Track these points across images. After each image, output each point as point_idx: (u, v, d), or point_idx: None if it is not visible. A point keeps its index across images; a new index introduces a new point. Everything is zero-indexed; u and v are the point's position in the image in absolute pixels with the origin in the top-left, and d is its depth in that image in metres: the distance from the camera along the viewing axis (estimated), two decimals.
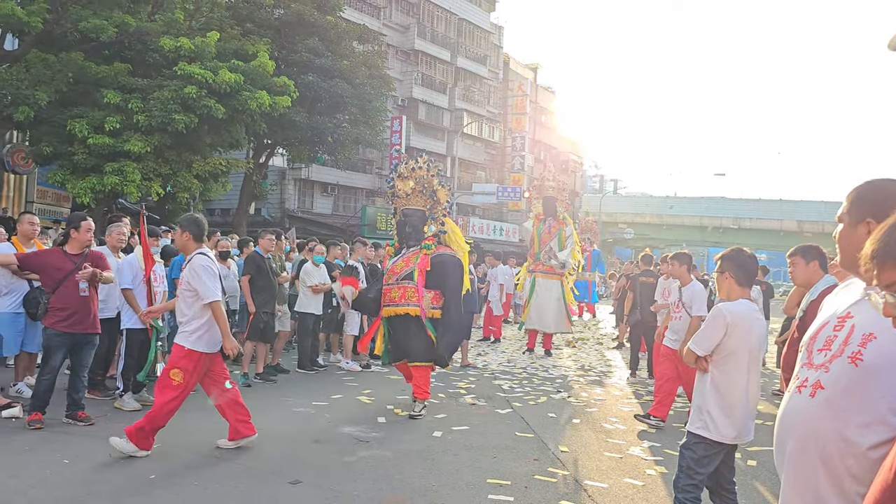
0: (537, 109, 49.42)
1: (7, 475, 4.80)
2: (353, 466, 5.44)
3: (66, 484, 4.72)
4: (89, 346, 6.42)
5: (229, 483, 4.89)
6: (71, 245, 6.29)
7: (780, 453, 2.00)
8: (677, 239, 65.74)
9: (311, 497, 4.68)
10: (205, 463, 5.36)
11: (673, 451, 6.14)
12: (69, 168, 16.37)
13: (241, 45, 18.71)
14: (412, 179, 7.61)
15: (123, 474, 4.98)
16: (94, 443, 5.73)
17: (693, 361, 3.95)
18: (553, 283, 12.44)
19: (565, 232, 12.58)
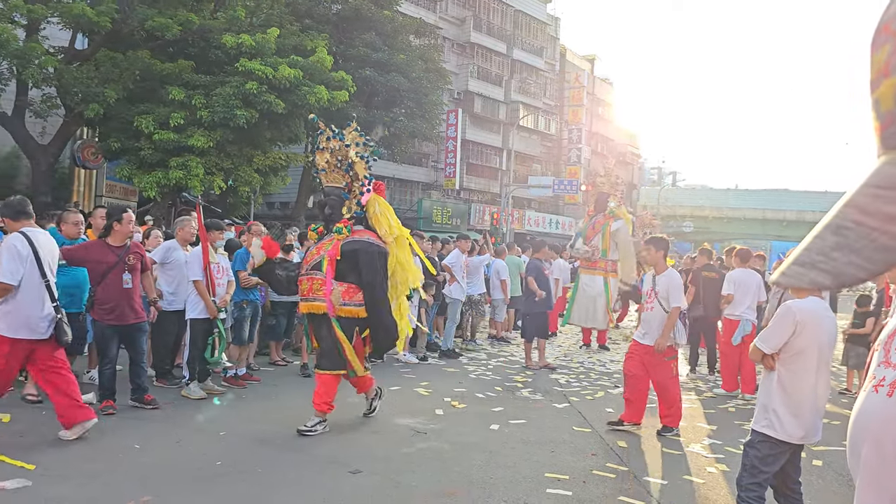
0: (594, 101, 48.82)
1: (84, 459, 5.01)
2: (411, 457, 5.51)
3: (138, 468, 4.90)
4: (139, 333, 6.58)
5: (291, 471, 5.01)
6: (114, 237, 6.39)
7: (853, 455, 1.94)
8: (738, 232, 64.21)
9: (371, 486, 4.76)
10: (268, 451, 5.49)
11: (734, 448, 6.04)
12: (136, 163, 16.90)
13: (300, 40, 18.99)
14: (327, 151, 6.38)
15: (191, 459, 5.15)
16: (164, 428, 5.94)
17: (759, 359, 3.87)
18: (597, 280, 11.99)
19: (611, 227, 12.10)
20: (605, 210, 12.32)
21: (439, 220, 32.53)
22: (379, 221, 6.43)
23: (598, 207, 12.46)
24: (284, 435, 5.94)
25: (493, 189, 39.18)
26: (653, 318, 6.59)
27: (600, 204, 12.46)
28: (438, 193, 36.53)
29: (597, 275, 12.01)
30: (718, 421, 7.34)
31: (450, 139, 35.11)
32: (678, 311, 6.48)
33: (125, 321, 6.36)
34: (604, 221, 12.18)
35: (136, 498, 4.30)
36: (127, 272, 6.37)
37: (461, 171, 36.47)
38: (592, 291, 11.82)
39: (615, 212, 12.35)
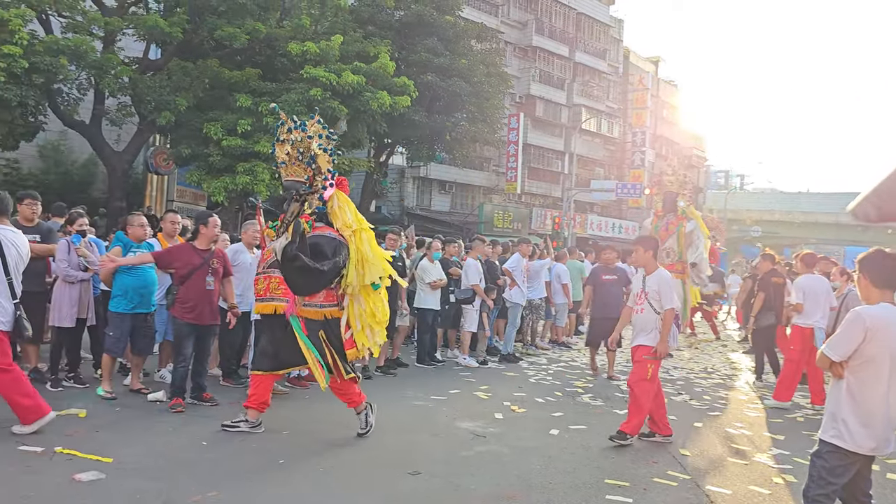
0: (658, 104, 47.99)
1: (155, 455, 5.19)
2: (470, 460, 5.52)
3: (205, 464, 5.06)
4: (211, 335, 6.92)
5: (351, 470, 5.09)
6: (200, 240, 6.76)
7: None
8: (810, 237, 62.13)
9: (430, 488, 4.80)
10: (329, 450, 5.60)
11: (802, 459, 5.85)
12: (205, 168, 17.42)
13: (363, 47, 19.27)
14: (288, 143, 6.06)
15: (256, 457, 5.29)
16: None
17: (827, 366, 3.76)
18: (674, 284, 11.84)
19: (686, 227, 11.56)
20: (675, 210, 11.77)
21: (500, 225, 32.48)
22: (336, 216, 6.06)
23: (668, 207, 11.91)
24: (345, 435, 6.03)
25: (555, 193, 38.91)
26: (643, 320, 6.40)
27: (669, 203, 11.91)
28: (500, 198, 36.47)
29: (674, 278, 11.65)
30: (786, 430, 7.14)
31: (511, 143, 35.03)
32: (672, 313, 6.29)
33: (202, 321, 6.66)
34: (677, 222, 11.66)
35: (203, 493, 4.44)
36: (210, 275, 6.68)
37: (522, 175, 36.33)
38: None
39: (687, 212, 11.88)
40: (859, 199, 3.14)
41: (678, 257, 11.40)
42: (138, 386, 7.09)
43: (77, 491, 4.38)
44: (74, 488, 4.41)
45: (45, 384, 7.01)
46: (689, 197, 12.38)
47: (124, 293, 6.75)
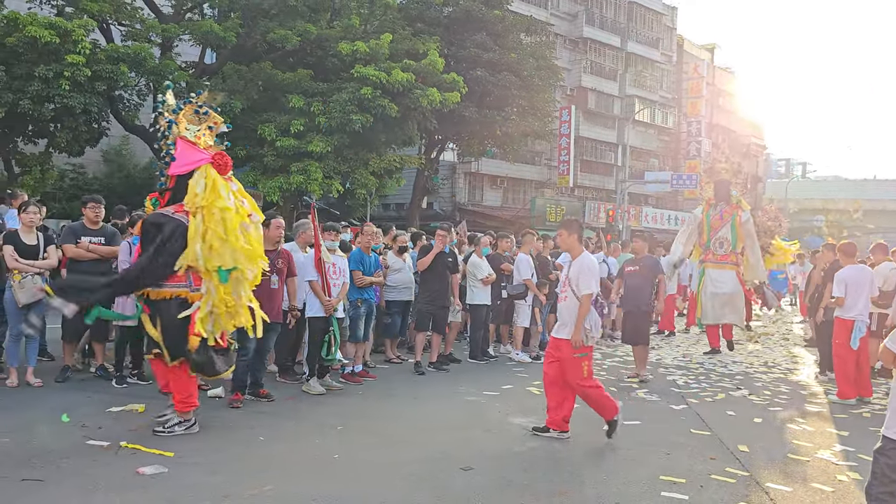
0: (714, 92, 46.92)
1: (214, 449, 5.33)
2: (523, 456, 5.51)
3: (261, 458, 5.17)
4: (273, 332, 7.03)
5: (404, 465, 5.13)
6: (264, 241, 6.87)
7: None
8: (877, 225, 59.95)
9: (483, 483, 4.81)
10: (382, 446, 5.65)
11: (866, 456, 5.66)
12: (260, 169, 17.80)
13: (412, 44, 19.38)
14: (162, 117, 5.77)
15: (310, 452, 5.38)
16: (286, 422, 6.23)
17: (892, 361, 3.63)
18: (727, 275, 11.26)
19: (740, 217, 11.30)
20: (728, 199, 11.49)
21: (553, 219, 32.24)
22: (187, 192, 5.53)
23: (720, 196, 11.59)
24: (398, 431, 6.09)
25: (608, 185, 38.46)
26: (567, 309, 6.05)
27: (722, 192, 11.58)
28: (552, 191, 36.23)
29: (727, 269, 11.28)
30: (850, 426, 6.91)
31: (563, 136, 34.75)
32: (589, 300, 5.88)
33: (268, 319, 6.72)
34: (731, 211, 11.39)
35: (260, 486, 4.54)
36: (275, 274, 6.82)
37: (575, 168, 36.01)
38: (726, 288, 11.14)
39: (742, 202, 11.58)
40: None
41: (731, 247, 11.26)
42: (199, 382, 7.27)
43: (141, 483, 4.53)
44: (139, 481, 4.56)
45: (111, 381, 7.27)
46: (743, 187, 12.07)
47: None
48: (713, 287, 11.21)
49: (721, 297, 11.14)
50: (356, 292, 8.16)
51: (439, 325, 9.18)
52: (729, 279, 11.22)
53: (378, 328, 9.61)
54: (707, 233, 11.46)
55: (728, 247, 11.26)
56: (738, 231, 11.25)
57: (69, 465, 4.83)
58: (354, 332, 8.20)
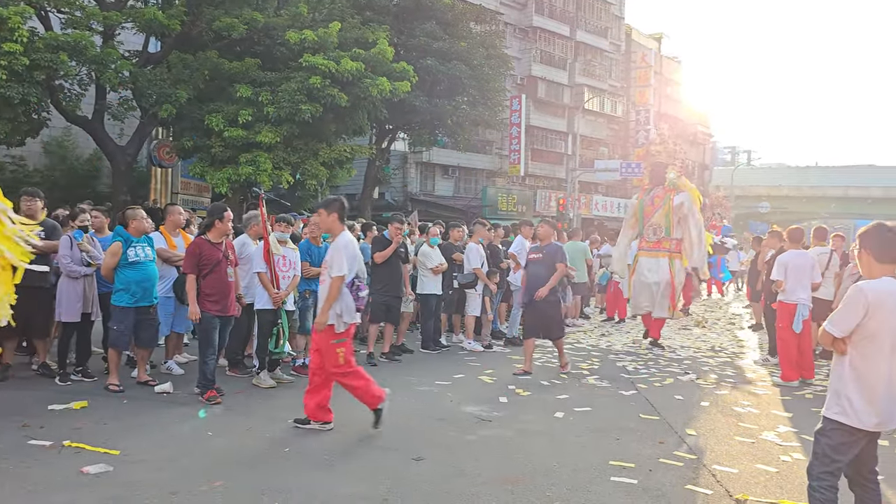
0: (662, 81, 47.68)
1: (161, 446, 5.23)
2: (475, 445, 5.53)
3: (210, 454, 5.09)
4: (229, 326, 7.02)
5: (356, 457, 5.11)
6: (213, 234, 6.78)
7: None
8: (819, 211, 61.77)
9: (434, 473, 4.81)
10: (334, 438, 5.61)
11: (809, 437, 5.81)
12: (208, 160, 17.46)
13: (361, 33, 19.20)
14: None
15: (261, 446, 5.32)
16: (235, 416, 6.14)
17: (830, 343, 3.72)
18: (659, 263, 10.68)
19: (673, 200, 10.64)
20: (663, 182, 10.96)
21: (505, 208, 32.41)
22: None
23: (655, 180, 11.08)
24: (350, 422, 6.04)
25: (559, 174, 38.81)
26: (323, 293, 5.76)
27: (657, 176, 11.08)
28: (503, 180, 36.40)
29: (660, 257, 10.72)
30: (793, 408, 7.12)
31: (513, 125, 34.92)
32: (340, 282, 5.58)
33: (227, 312, 6.81)
34: (664, 195, 10.83)
35: (209, 482, 4.47)
36: (229, 266, 6.80)
37: (526, 157, 36.23)
38: (655, 277, 10.58)
39: (677, 183, 10.93)
40: None
41: (665, 234, 10.73)
42: (145, 378, 7.14)
43: (86, 483, 4.41)
44: (83, 480, 4.45)
45: (54, 378, 7.07)
46: (682, 168, 11.48)
47: (126, 287, 6.79)
48: (642, 276, 10.75)
49: (649, 288, 10.65)
50: (304, 283, 8.08)
51: (393, 315, 9.15)
52: (660, 268, 10.67)
53: None
54: (640, 220, 11.02)
55: (661, 233, 10.72)
56: (670, 216, 10.70)
57: (9, 465, 4.68)
58: (303, 323, 8.11)
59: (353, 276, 5.73)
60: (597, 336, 12.03)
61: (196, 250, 6.67)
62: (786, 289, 8.46)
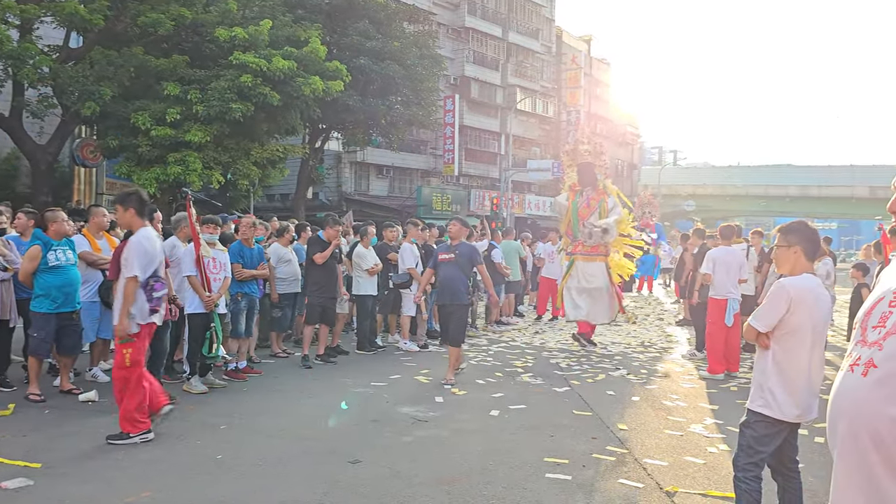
0: (592, 82, 48.60)
1: (85, 457, 5.05)
2: (411, 446, 5.53)
3: (138, 464, 4.93)
4: (166, 331, 6.80)
5: (291, 463, 5.03)
6: None
7: (832, 434, 1.95)
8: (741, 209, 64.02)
9: (370, 476, 4.78)
10: (268, 443, 5.52)
11: (735, 428, 6.01)
12: (134, 160, 16.95)
13: (293, 31, 18.94)
14: None
15: (192, 454, 5.18)
16: (164, 424, 5.95)
17: (754, 337, 3.84)
18: (597, 267, 10.53)
19: (607, 203, 10.51)
20: (594, 184, 10.69)
21: (439, 207, 32.48)
22: None
23: (586, 181, 10.74)
24: (285, 427, 5.97)
25: (493, 174, 39.10)
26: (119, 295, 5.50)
27: (587, 177, 10.73)
28: (437, 180, 36.48)
29: (598, 261, 10.55)
30: (719, 401, 7.35)
31: (447, 125, 35.02)
32: (133, 284, 5.31)
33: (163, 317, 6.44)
34: (598, 197, 10.58)
35: (136, 493, 4.34)
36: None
37: (460, 157, 36.39)
38: (596, 282, 10.41)
39: (607, 187, 10.79)
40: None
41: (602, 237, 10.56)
42: (69, 387, 6.88)
43: (4, 498, 4.22)
44: (1, 496, 4.25)
45: None
46: (606, 170, 11.23)
47: (47, 293, 6.50)
48: (582, 281, 10.48)
49: (588, 293, 10.45)
50: (236, 286, 7.92)
51: (329, 316, 9.07)
52: (599, 272, 10.53)
53: (268, 322, 9.41)
54: (575, 222, 10.67)
55: (598, 237, 10.54)
56: (604, 217, 10.50)
57: None
58: (236, 327, 7.95)
59: (149, 276, 5.48)
60: (531, 334, 12.18)
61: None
62: (715, 284, 8.74)
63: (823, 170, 62.93)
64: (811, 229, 3.83)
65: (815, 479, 4.81)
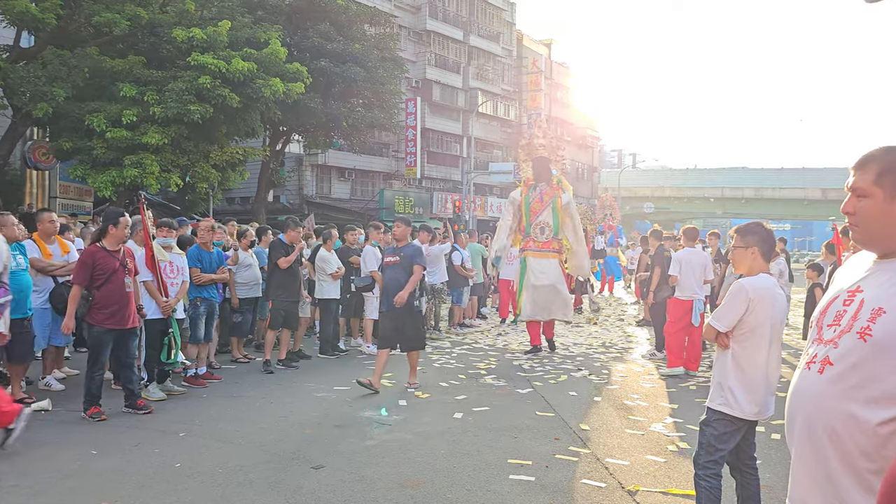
0: (552, 86, 49.00)
1: (40, 468, 4.90)
2: (374, 450, 5.49)
3: (95, 474, 4.81)
4: (133, 338, 6.57)
5: (252, 470, 4.96)
6: (109, 241, 6.38)
7: (790, 430, 1.99)
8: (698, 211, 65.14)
9: (334, 481, 4.74)
10: (229, 450, 5.43)
11: (694, 426, 6.12)
12: (89, 162, 16.56)
13: (252, 32, 18.72)
14: None
15: (150, 463, 5.07)
16: (122, 432, 5.84)
17: (714, 337, 3.90)
18: (549, 264, 10.28)
19: (561, 199, 10.24)
20: (548, 179, 10.40)
21: (401, 210, 32.42)
22: None
23: (540, 176, 10.45)
24: (246, 433, 5.88)
25: (455, 177, 39.19)
26: None
27: (541, 172, 10.44)
28: (400, 183, 36.42)
29: (549, 258, 10.30)
30: (679, 399, 7.45)
31: (409, 128, 34.99)
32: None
33: (124, 325, 6.35)
34: (553, 193, 10.29)
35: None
36: (127, 276, 6.38)
37: (422, 159, 36.38)
38: (547, 279, 10.14)
39: (563, 182, 10.51)
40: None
41: (553, 234, 10.31)
42: (20, 395, 6.68)
43: None
44: None
45: None
46: (562, 166, 10.93)
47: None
48: (534, 279, 10.19)
49: (543, 290, 10.14)
50: (195, 291, 7.80)
51: (291, 321, 8.97)
52: (551, 269, 10.25)
53: (228, 327, 9.28)
54: (527, 217, 10.36)
55: (550, 233, 10.27)
56: (559, 215, 10.29)
57: None
58: (194, 332, 7.82)
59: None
60: (493, 336, 12.22)
61: (89, 260, 6.26)
62: (681, 285, 8.87)
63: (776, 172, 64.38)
64: (767, 230, 3.90)
65: (771, 474, 4.90)
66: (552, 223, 10.25)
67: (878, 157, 1.88)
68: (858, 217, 1.90)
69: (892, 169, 1.84)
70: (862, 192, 1.88)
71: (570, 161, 51.58)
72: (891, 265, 1.86)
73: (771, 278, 3.89)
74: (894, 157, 1.86)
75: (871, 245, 1.93)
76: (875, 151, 1.91)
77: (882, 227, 1.85)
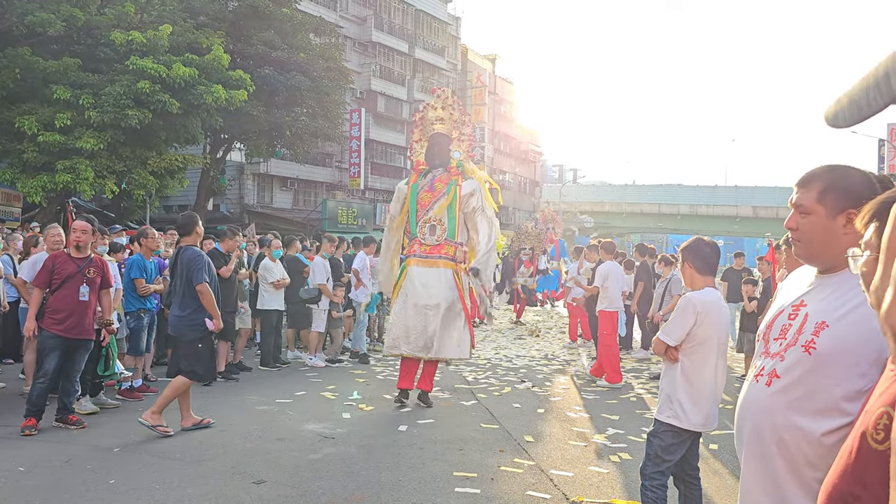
0: (496, 100, 49.50)
1: None
2: (318, 464, 5.40)
3: (22, 492, 4.59)
4: (83, 350, 6.36)
5: (191, 486, 4.81)
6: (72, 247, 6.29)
7: (739, 440, 2.04)
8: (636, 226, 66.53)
9: (276, 497, 4.63)
10: (166, 466, 5.26)
11: (636, 437, 6.23)
12: (19, 166, 15.99)
13: (194, 38, 18.38)
14: None
15: (81, 479, 4.87)
16: (52, 447, 5.60)
17: (663, 351, 3.97)
18: (440, 275, 7.42)
19: (460, 189, 7.50)
20: (447, 163, 7.73)
21: (344, 221, 32.16)
22: None
23: (435, 158, 7.79)
24: (183, 448, 5.71)
25: None
26: None
27: (437, 153, 7.79)
28: (343, 194, 36.17)
29: (440, 266, 7.48)
30: (620, 411, 7.55)
31: (353, 139, 34.80)
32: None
33: (72, 335, 6.13)
34: (448, 180, 7.61)
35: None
36: (85, 284, 6.17)
37: (366, 170, 36.22)
38: (435, 299, 7.32)
39: (464, 167, 7.72)
40: None
41: (448, 235, 7.55)
42: None
43: None
44: None
45: None
46: (470, 147, 8.08)
47: None
48: (414, 295, 7.37)
49: (425, 314, 7.31)
50: (139, 302, 7.57)
51: (228, 331, 8.76)
52: (441, 284, 7.40)
53: (161, 338, 9.01)
54: (412, 213, 7.70)
55: (443, 233, 7.53)
56: (456, 209, 7.56)
57: None
58: (136, 344, 7.58)
59: None
60: None
61: (50, 263, 6.15)
62: (609, 297, 9.05)
63: (711, 189, 66.40)
64: (701, 245, 4.01)
65: (709, 484, 5.00)
66: (445, 221, 7.53)
67: (821, 176, 1.94)
68: (801, 233, 1.96)
69: (834, 187, 1.90)
70: (805, 209, 1.94)
71: (513, 175, 52.17)
72: (832, 280, 1.92)
73: (715, 292, 3.99)
74: (836, 176, 1.93)
75: (813, 260, 1.99)
76: (818, 170, 1.97)
77: (823, 243, 1.91)
